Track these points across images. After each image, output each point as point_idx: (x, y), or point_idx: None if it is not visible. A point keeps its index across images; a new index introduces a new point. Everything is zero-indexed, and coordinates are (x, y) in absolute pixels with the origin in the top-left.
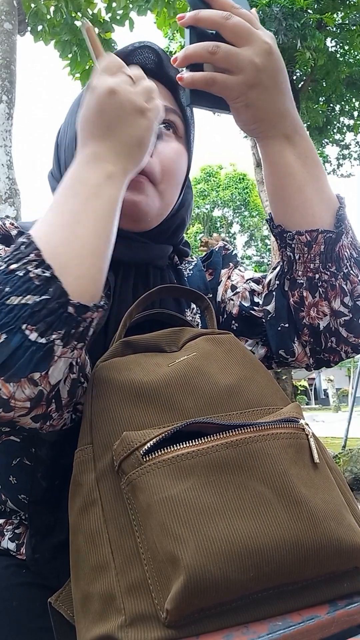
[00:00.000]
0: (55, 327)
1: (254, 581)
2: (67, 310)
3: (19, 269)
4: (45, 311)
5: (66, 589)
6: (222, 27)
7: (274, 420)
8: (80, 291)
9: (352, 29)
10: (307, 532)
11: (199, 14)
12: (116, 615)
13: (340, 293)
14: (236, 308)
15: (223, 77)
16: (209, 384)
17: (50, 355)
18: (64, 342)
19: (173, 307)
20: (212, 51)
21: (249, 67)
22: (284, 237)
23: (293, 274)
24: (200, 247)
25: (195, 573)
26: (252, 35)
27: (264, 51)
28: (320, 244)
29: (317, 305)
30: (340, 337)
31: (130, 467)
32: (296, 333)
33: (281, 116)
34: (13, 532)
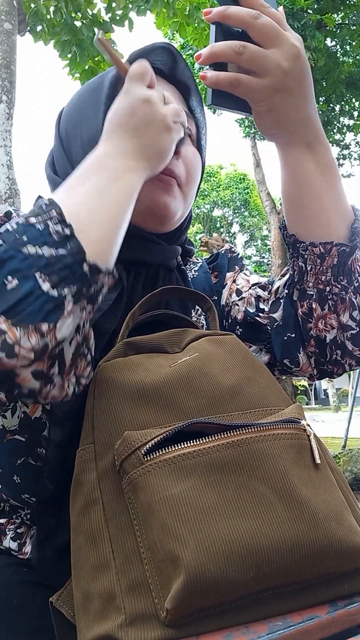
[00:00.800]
0: (68, 282)
1: (254, 581)
2: (82, 267)
3: (39, 223)
4: (61, 264)
5: (67, 589)
6: (251, 27)
7: (275, 420)
8: (96, 254)
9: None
10: (308, 533)
11: (227, 10)
12: (116, 614)
13: (350, 307)
14: (241, 314)
15: (248, 79)
16: (210, 385)
17: (61, 308)
18: (75, 298)
19: (179, 308)
20: (239, 51)
21: (276, 71)
22: (297, 246)
23: (303, 285)
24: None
25: (196, 572)
26: (280, 37)
27: (292, 55)
28: (334, 257)
29: (326, 317)
30: (346, 350)
31: (131, 467)
32: (302, 343)
33: (303, 123)
34: (15, 531)
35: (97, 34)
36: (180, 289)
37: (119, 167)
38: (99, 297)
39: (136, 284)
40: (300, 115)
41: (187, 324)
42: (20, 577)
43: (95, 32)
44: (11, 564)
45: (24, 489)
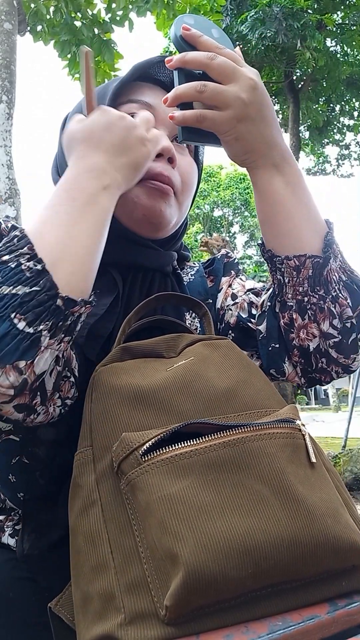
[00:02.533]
0: (43, 318)
1: (252, 578)
2: (55, 302)
3: (11, 261)
4: (35, 302)
5: (66, 593)
6: (208, 67)
7: (270, 420)
8: (70, 286)
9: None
10: (304, 530)
11: (186, 56)
12: (116, 614)
13: (329, 315)
14: (234, 318)
15: (212, 113)
16: (206, 387)
17: (37, 345)
18: (51, 333)
19: (173, 313)
20: (200, 90)
21: (236, 103)
22: (273, 261)
23: (283, 297)
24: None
25: (194, 569)
26: (236, 72)
27: (249, 87)
28: (309, 269)
29: (307, 327)
30: (331, 358)
31: (129, 467)
32: (287, 353)
33: (269, 146)
34: (13, 528)
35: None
36: (176, 295)
37: (93, 189)
38: (77, 327)
39: (133, 288)
40: (265, 139)
41: (182, 329)
42: (19, 573)
43: (95, 32)
44: (10, 560)
45: (19, 488)
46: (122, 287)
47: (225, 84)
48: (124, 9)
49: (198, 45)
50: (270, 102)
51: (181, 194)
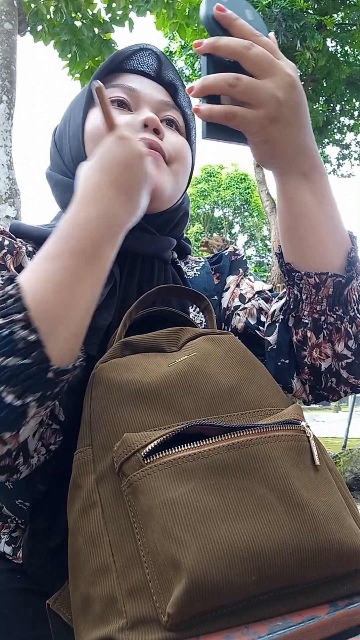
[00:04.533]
0: (32, 390)
1: (255, 584)
2: (46, 375)
3: (5, 327)
4: (24, 375)
5: (64, 591)
6: (243, 58)
7: (275, 422)
8: (63, 355)
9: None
10: (309, 535)
11: (218, 42)
12: (117, 618)
13: (345, 336)
14: (242, 324)
15: (243, 111)
16: (209, 385)
17: (24, 416)
18: (39, 403)
19: (176, 304)
20: (232, 84)
21: (271, 101)
22: (292, 275)
23: (299, 313)
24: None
25: (197, 576)
26: (274, 66)
27: (287, 84)
28: (329, 287)
29: (320, 346)
30: (341, 379)
31: (131, 469)
32: (296, 370)
33: (300, 153)
34: (10, 535)
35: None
36: (178, 288)
37: (102, 241)
38: (64, 389)
39: (131, 277)
40: (296, 144)
41: (184, 320)
42: (13, 584)
43: (95, 32)
44: (5, 570)
45: (17, 494)
46: (119, 276)
47: (260, 79)
48: (124, 8)
49: (232, 29)
50: (306, 104)
51: (174, 163)
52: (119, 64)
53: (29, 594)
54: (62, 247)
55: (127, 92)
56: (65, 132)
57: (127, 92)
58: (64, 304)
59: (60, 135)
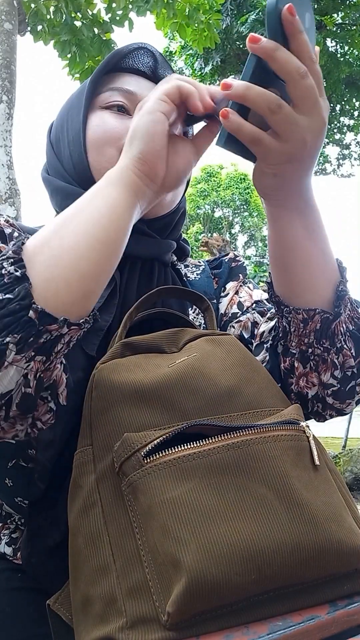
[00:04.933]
0: (11, 330)
1: (255, 584)
2: (27, 314)
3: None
4: (5, 310)
5: (65, 591)
6: (294, 85)
7: (275, 422)
8: (51, 300)
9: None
10: (308, 535)
11: (277, 53)
12: (117, 617)
13: (332, 367)
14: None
15: (269, 140)
16: (209, 385)
17: (1, 358)
18: (18, 348)
19: (176, 306)
20: (274, 110)
21: (299, 141)
22: (281, 308)
23: (287, 343)
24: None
25: (197, 575)
26: (316, 106)
27: (319, 129)
28: (317, 323)
29: (307, 375)
30: (327, 405)
31: (131, 469)
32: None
33: (300, 191)
34: (10, 536)
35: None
36: (178, 289)
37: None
38: (56, 347)
39: (131, 279)
40: (300, 184)
41: (184, 322)
42: (14, 583)
43: (95, 32)
44: (5, 570)
45: (16, 492)
46: (119, 278)
47: (298, 113)
48: (124, 8)
49: (293, 41)
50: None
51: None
52: (116, 63)
53: (30, 592)
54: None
55: (126, 96)
56: (63, 134)
57: (126, 96)
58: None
59: (57, 137)
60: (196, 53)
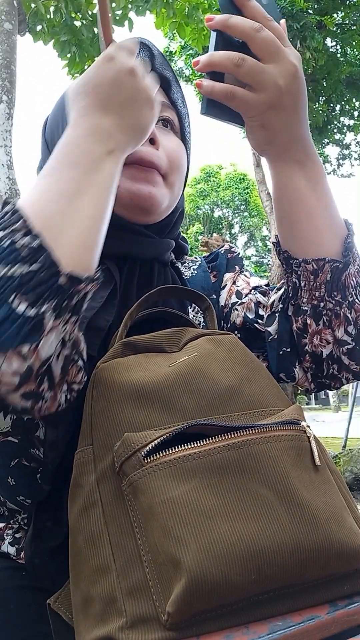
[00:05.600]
0: (46, 298)
1: (255, 584)
2: (58, 280)
3: (4, 239)
4: (35, 281)
5: (65, 590)
6: (251, 40)
7: (275, 422)
8: (74, 262)
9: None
10: (309, 535)
11: (230, 20)
12: (117, 617)
13: (345, 322)
14: (240, 319)
15: (244, 93)
16: (210, 385)
17: (40, 327)
18: (56, 313)
19: (176, 306)
20: (237, 64)
21: (272, 87)
22: (290, 263)
23: (297, 300)
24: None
25: (197, 575)
26: (280, 53)
27: (290, 73)
28: (327, 273)
29: (321, 333)
30: (342, 365)
31: (131, 469)
32: (298, 358)
33: (295, 141)
34: (13, 536)
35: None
36: (178, 288)
37: (97, 154)
38: (83, 305)
39: (130, 279)
40: (292, 133)
41: (185, 322)
42: (18, 581)
43: (95, 32)
44: (9, 568)
45: (19, 491)
46: (119, 278)
47: (265, 63)
48: (124, 8)
49: (245, 10)
50: (305, 95)
51: (170, 175)
52: None
53: (33, 591)
54: (56, 163)
55: None
56: (56, 132)
57: None
58: (65, 213)
59: (51, 134)
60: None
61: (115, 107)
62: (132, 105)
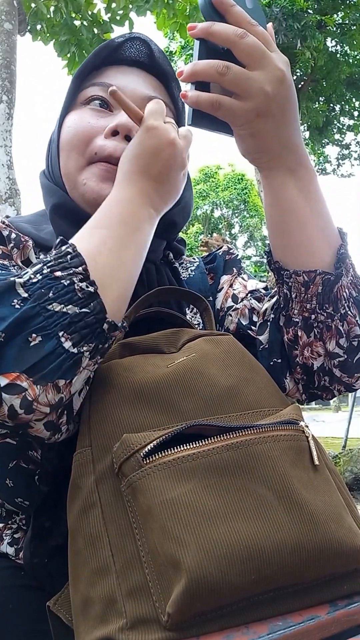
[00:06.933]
0: (88, 340)
1: (255, 584)
2: (102, 326)
3: (64, 278)
4: (83, 323)
5: (64, 593)
6: (236, 46)
7: (274, 422)
8: (115, 311)
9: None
10: (308, 534)
11: (212, 27)
12: (117, 618)
13: (336, 334)
14: (234, 325)
15: (230, 101)
16: (208, 385)
17: (78, 365)
18: (92, 355)
19: (173, 306)
20: (222, 72)
21: (259, 94)
22: (281, 274)
23: (289, 311)
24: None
25: (197, 576)
26: (266, 58)
27: (277, 78)
28: (318, 285)
29: (312, 345)
30: (334, 377)
31: (130, 470)
32: (288, 369)
33: (286, 148)
34: (12, 536)
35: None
36: (176, 290)
37: (140, 216)
38: (110, 347)
39: None
40: (282, 140)
41: (182, 322)
42: (18, 581)
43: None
44: (9, 567)
45: (17, 493)
46: None
47: (251, 70)
48: (124, 8)
49: (229, 16)
50: (295, 99)
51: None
52: (107, 56)
53: (33, 590)
54: (107, 219)
55: (106, 90)
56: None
57: (106, 90)
58: (113, 265)
59: (52, 135)
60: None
61: (156, 175)
62: (169, 173)
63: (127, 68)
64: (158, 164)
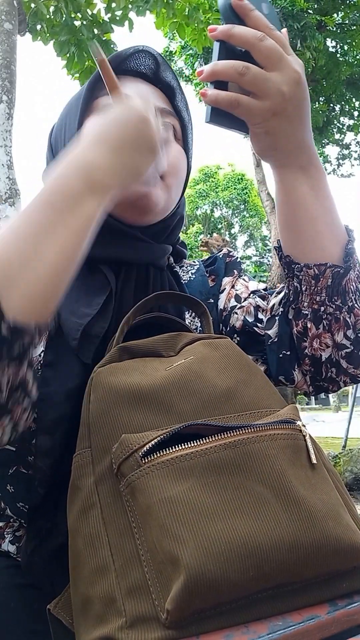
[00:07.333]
0: None
1: (253, 581)
2: (0, 330)
3: None
4: None
5: (65, 595)
6: (255, 48)
7: (271, 421)
8: (24, 311)
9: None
10: (306, 532)
11: (233, 29)
12: (117, 617)
13: (344, 326)
14: (240, 322)
15: (248, 100)
16: (206, 387)
17: None
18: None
19: (172, 310)
20: (242, 72)
21: (276, 95)
22: (292, 267)
23: (298, 304)
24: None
25: (195, 573)
26: (283, 61)
27: (293, 80)
28: (328, 278)
29: (321, 337)
30: (341, 368)
31: (129, 469)
32: (297, 361)
33: (299, 147)
34: (13, 534)
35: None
36: (175, 294)
37: (76, 190)
38: (29, 353)
39: (127, 285)
40: (296, 139)
41: (181, 326)
42: (19, 580)
43: (95, 32)
44: (10, 567)
45: (18, 498)
46: (114, 284)
47: (268, 71)
48: (124, 8)
49: (248, 19)
50: (309, 100)
51: (168, 176)
52: (116, 67)
53: (34, 589)
54: (34, 200)
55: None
56: (61, 137)
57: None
58: (23, 258)
59: (57, 140)
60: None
61: (114, 144)
62: (135, 148)
63: (134, 79)
64: (121, 133)
